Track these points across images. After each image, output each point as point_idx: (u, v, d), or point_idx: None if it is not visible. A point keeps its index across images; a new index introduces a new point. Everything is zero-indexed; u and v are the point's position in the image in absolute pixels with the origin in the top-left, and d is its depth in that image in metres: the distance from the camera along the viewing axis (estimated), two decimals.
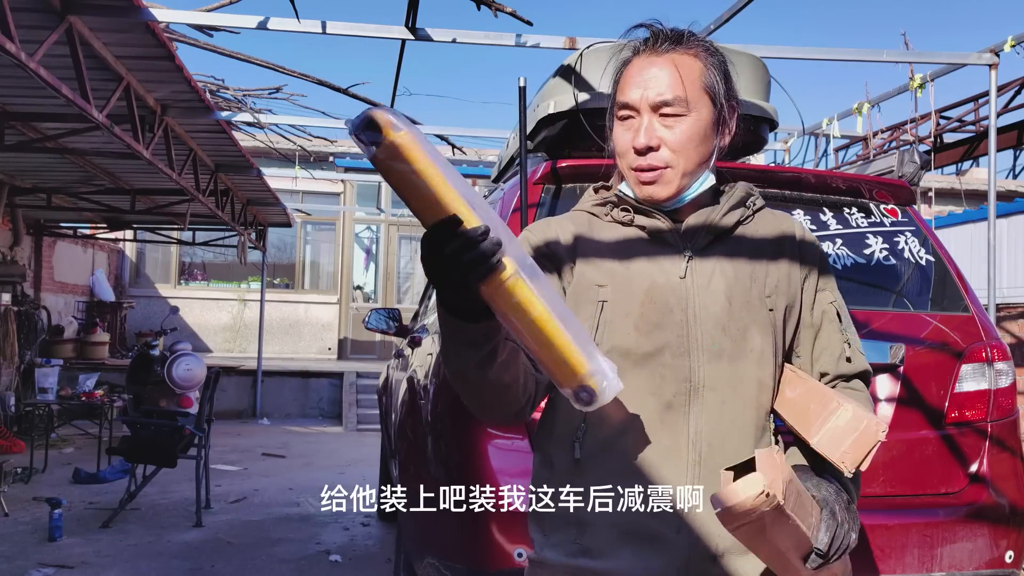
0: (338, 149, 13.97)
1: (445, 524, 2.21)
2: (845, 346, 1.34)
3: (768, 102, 3.04)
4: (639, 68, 1.29)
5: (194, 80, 5.61)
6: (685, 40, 1.30)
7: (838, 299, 1.37)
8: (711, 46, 1.32)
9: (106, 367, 10.63)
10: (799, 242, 1.36)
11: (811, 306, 1.35)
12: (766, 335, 1.29)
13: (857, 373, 1.36)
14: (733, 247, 1.33)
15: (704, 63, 1.29)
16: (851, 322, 1.38)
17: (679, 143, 1.26)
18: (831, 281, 1.38)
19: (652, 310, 1.29)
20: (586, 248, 1.35)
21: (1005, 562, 2.33)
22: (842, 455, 1.17)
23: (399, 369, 3.82)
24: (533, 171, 2.50)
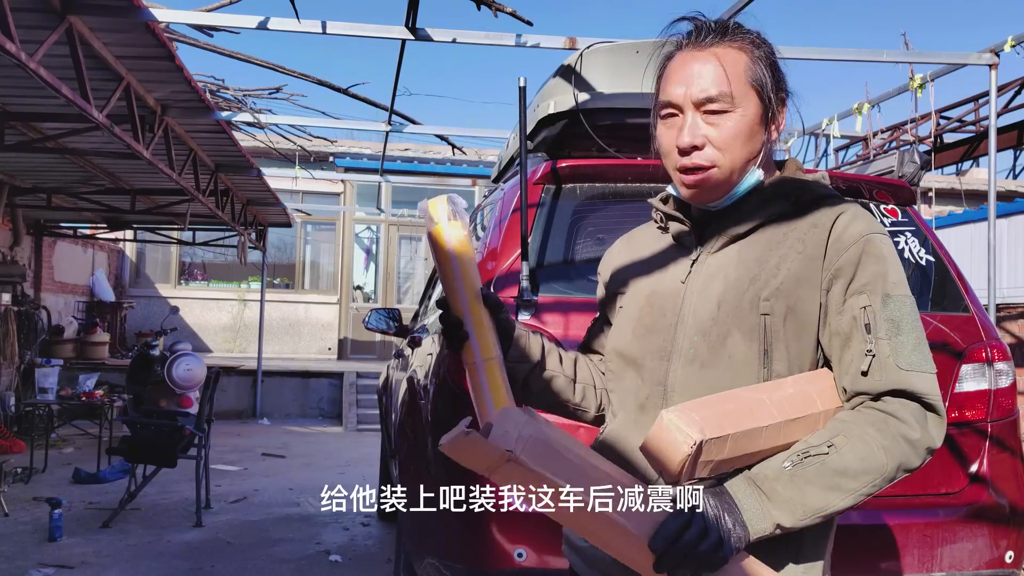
0: (338, 149, 13.98)
1: (445, 524, 2.21)
2: (867, 358, 1.13)
3: None
4: (681, 63, 1.25)
5: (194, 80, 5.61)
6: (730, 32, 1.25)
7: (878, 304, 1.15)
8: (758, 38, 1.26)
9: (106, 367, 10.63)
10: (834, 238, 1.19)
11: (839, 311, 1.18)
12: (752, 342, 1.19)
13: (886, 391, 1.13)
14: (749, 247, 1.25)
15: (750, 56, 1.24)
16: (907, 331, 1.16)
17: (724, 141, 1.21)
18: (875, 283, 1.17)
19: (648, 314, 1.31)
20: (629, 260, 1.43)
21: (1005, 562, 2.33)
22: (657, 465, 1.09)
23: (399, 369, 3.82)
24: (533, 171, 2.50)
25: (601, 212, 2.47)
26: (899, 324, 1.16)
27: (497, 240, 2.47)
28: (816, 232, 1.21)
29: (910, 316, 1.17)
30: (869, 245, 1.18)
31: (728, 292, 1.23)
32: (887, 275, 1.18)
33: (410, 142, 14.64)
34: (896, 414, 1.12)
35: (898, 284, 1.19)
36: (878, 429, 1.11)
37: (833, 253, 1.19)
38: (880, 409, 1.13)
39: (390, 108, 7.08)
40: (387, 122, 7.48)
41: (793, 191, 1.26)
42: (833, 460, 1.09)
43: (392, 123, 7.51)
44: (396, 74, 6.16)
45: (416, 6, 4.58)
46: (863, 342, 1.15)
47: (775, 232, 1.24)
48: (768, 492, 1.09)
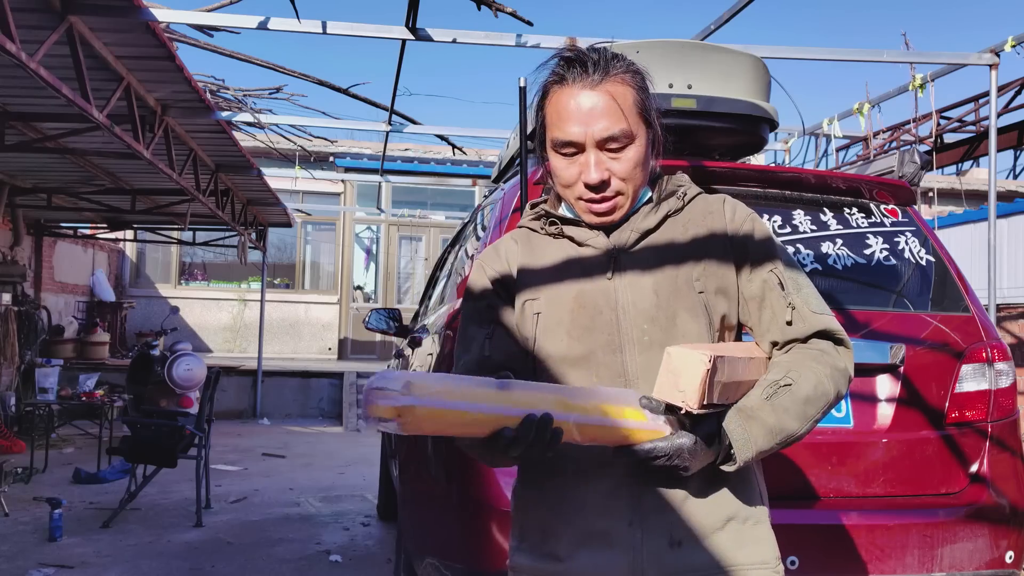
0: (338, 149, 13.98)
1: (445, 524, 2.21)
2: (788, 310, 1.30)
3: (768, 102, 3.04)
4: (574, 101, 1.28)
5: (194, 80, 5.61)
6: (614, 66, 1.30)
7: (781, 267, 1.34)
8: (632, 65, 1.33)
9: (106, 367, 10.63)
10: (728, 219, 1.36)
11: (748, 279, 1.34)
12: (698, 318, 1.30)
13: (811, 334, 1.31)
14: (660, 240, 1.35)
15: (634, 87, 1.30)
16: (804, 285, 1.34)
17: (628, 172, 1.29)
18: (771, 251, 1.35)
19: (582, 314, 1.33)
20: (525, 267, 1.41)
21: (1005, 562, 2.33)
22: (679, 396, 1.17)
23: (399, 369, 3.82)
24: (533, 171, 2.50)
25: None
26: (797, 281, 1.34)
27: None
28: (713, 218, 1.37)
29: (802, 274, 1.37)
30: (756, 222, 1.37)
31: (661, 279, 1.32)
32: (776, 244, 1.38)
33: (410, 142, 14.65)
34: (825, 350, 1.30)
35: (785, 251, 1.39)
36: (818, 362, 1.27)
37: (732, 232, 1.35)
38: (812, 347, 1.30)
39: (390, 108, 7.09)
40: (387, 122, 7.48)
41: (677, 188, 1.40)
42: (796, 390, 1.24)
43: (392, 123, 7.51)
44: (396, 74, 6.17)
45: (416, 6, 4.59)
46: (781, 298, 1.32)
47: (677, 224, 1.37)
48: (756, 419, 1.21)
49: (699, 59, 2.92)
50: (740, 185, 2.57)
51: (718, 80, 2.89)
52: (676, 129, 3.07)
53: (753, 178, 2.58)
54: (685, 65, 2.89)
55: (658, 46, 2.91)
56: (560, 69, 1.30)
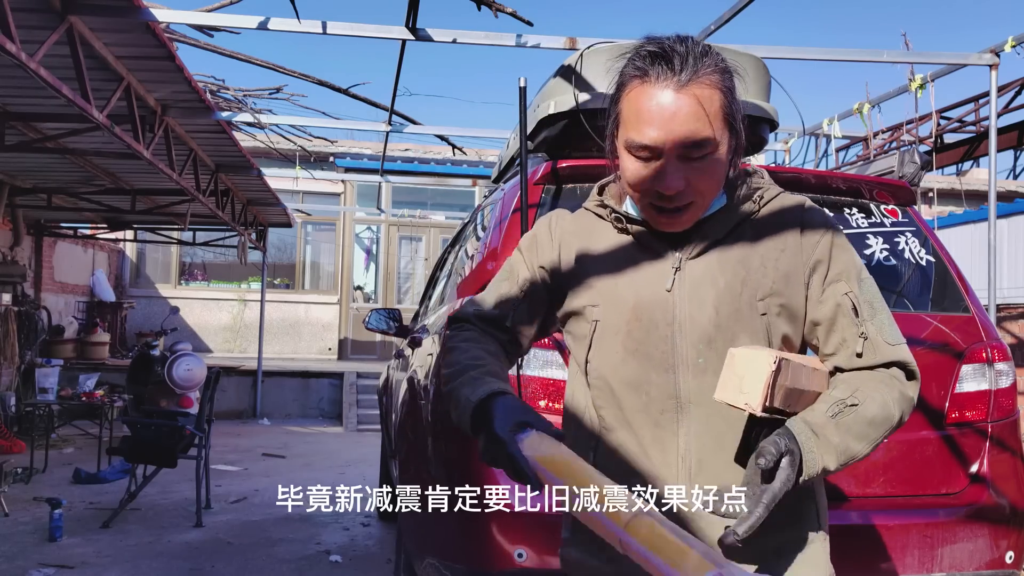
0: (338, 149, 13.98)
1: (445, 524, 2.21)
2: (860, 341, 1.23)
3: (768, 102, 3.04)
4: (656, 102, 1.17)
5: (194, 80, 5.61)
6: (704, 65, 1.18)
7: (857, 289, 1.25)
8: (722, 62, 1.21)
9: (106, 367, 10.63)
10: (805, 233, 1.27)
11: (819, 300, 1.25)
12: (757, 342, 1.23)
13: (878, 365, 1.23)
14: (728, 250, 1.27)
15: (723, 90, 1.19)
16: (880, 308, 1.26)
17: (706, 183, 1.21)
18: (849, 270, 1.26)
19: (638, 327, 1.27)
20: (583, 259, 1.35)
21: (1005, 563, 2.33)
22: (741, 397, 1.14)
23: (399, 369, 3.82)
24: (533, 171, 2.50)
25: None
26: (874, 304, 1.26)
27: (497, 240, 2.47)
28: (788, 229, 1.28)
29: (879, 295, 1.29)
30: (836, 236, 1.28)
31: (723, 297, 1.24)
32: (855, 261, 1.28)
33: (410, 142, 14.65)
34: (894, 375, 1.24)
35: (863, 268, 1.30)
36: (886, 385, 1.22)
37: (808, 248, 1.27)
38: (880, 372, 1.24)
39: (390, 108, 7.09)
40: (387, 122, 7.48)
41: (754, 192, 1.30)
42: (863, 411, 1.18)
43: (392, 123, 7.51)
44: (396, 74, 6.16)
45: (416, 6, 4.59)
46: (853, 325, 1.24)
47: (748, 232, 1.28)
48: (821, 437, 1.15)
49: None
50: None
51: None
52: None
53: None
54: None
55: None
56: (643, 63, 1.19)
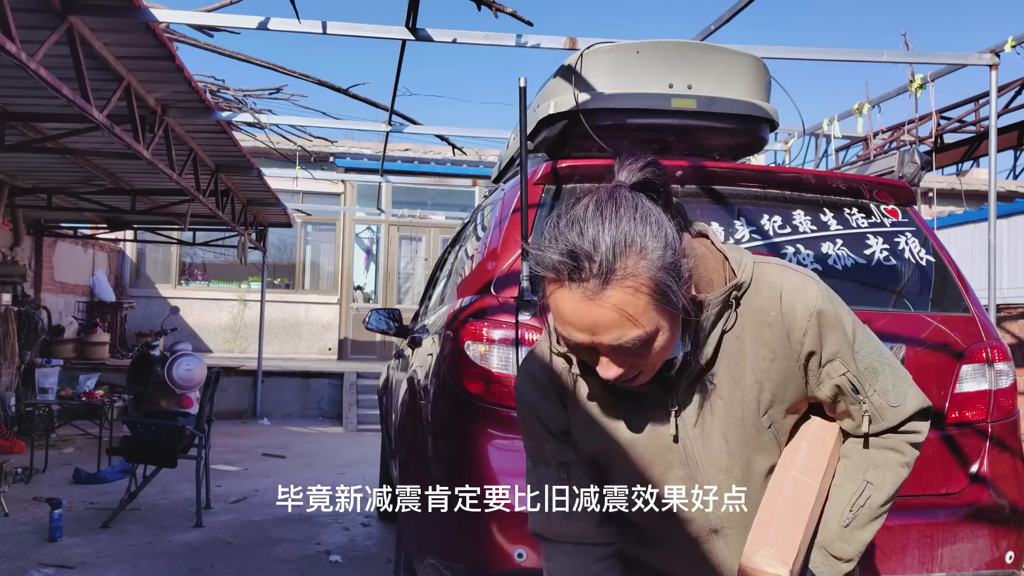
0: (338, 149, 13.98)
1: (445, 524, 2.20)
2: (864, 418, 1.25)
3: (768, 102, 3.04)
4: (573, 308, 1.06)
5: (194, 80, 5.61)
6: (620, 266, 1.03)
7: (853, 365, 1.23)
8: (647, 251, 1.05)
9: (106, 367, 10.62)
10: (789, 327, 1.21)
11: (817, 383, 1.24)
12: (772, 453, 1.27)
13: (885, 430, 1.27)
14: (719, 372, 1.23)
15: (650, 284, 1.05)
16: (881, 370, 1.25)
17: (648, 363, 1.13)
18: (842, 348, 1.23)
19: (655, 473, 1.27)
20: (576, 409, 1.30)
21: (1005, 563, 2.33)
22: None
23: (399, 369, 3.82)
24: (533, 171, 2.50)
25: None
26: (874, 368, 1.25)
27: (497, 240, 2.47)
28: (772, 333, 1.22)
29: (875, 351, 1.27)
30: (821, 316, 1.22)
31: (727, 424, 1.24)
32: (846, 332, 1.24)
33: (410, 142, 14.65)
34: (900, 450, 1.27)
35: (855, 329, 1.26)
36: (894, 462, 1.28)
37: (796, 343, 1.22)
38: (887, 445, 1.28)
39: (390, 108, 7.08)
40: (387, 122, 7.48)
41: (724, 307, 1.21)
42: (876, 498, 1.26)
43: (392, 123, 7.51)
44: (396, 74, 6.16)
45: (416, 6, 4.58)
46: (856, 403, 1.24)
47: (733, 347, 1.22)
48: (837, 553, 1.25)
49: (699, 59, 2.93)
50: (740, 185, 2.57)
51: (718, 80, 2.90)
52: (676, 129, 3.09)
53: (753, 178, 2.58)
54: (685, 65, 2.89)
55: (658, 46, 2.91)
56: (554, 264, 1.05)
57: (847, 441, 1.30)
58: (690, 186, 2.53)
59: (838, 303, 1.25)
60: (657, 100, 2.84)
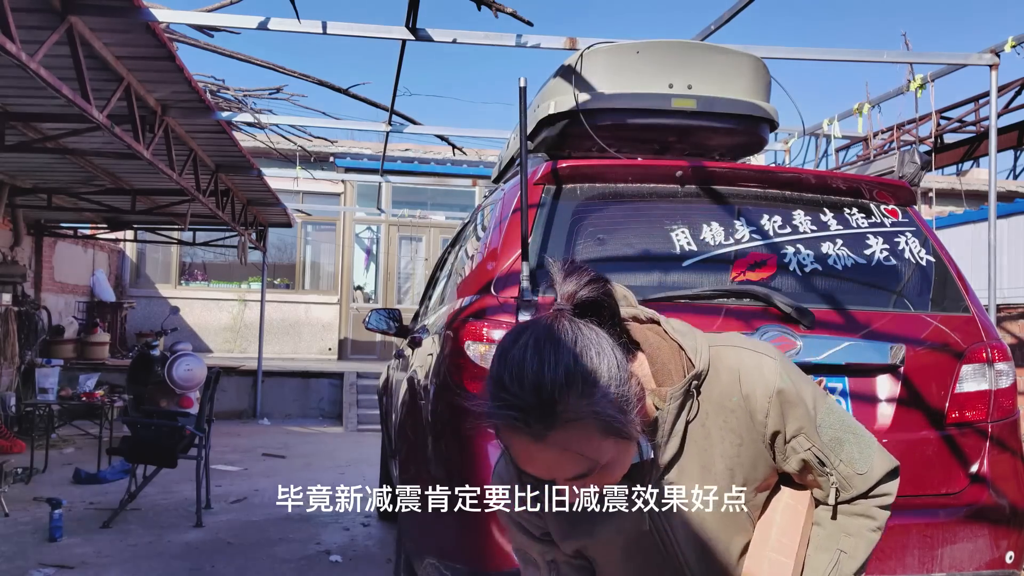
0: (338, 149, 13.98)
1: (445, 524, 2.21)
2: (832, 490, 1.26)
3: (768, 102, 3.04)
4: (521, 448, 1.07)
5: (194, 80, 5.61)
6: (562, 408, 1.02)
7: (817, 439, 1.24)
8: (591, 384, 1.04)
9: (106, 367, 10.62)
10: (752, 411, 1.22)
11: (784, 459, 1.26)
12: (747, 531, 1.28)
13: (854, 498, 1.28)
14: (688, 464, 1.24)
15: (595, 421, 1.04)
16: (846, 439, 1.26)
17: (611, 479, 1.15)
18: (803, 423, 1.23)
19: (635, 562, 1.29)
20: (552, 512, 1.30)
21: (1005, 563, 2.33)
22: None
23: (399, 369, 3.82)
24: (533, 171, 2.50)
25: (601, 212, 2.47)
26: (838, 438, 1.26)
27: (497, 240, 2.47)
28: (735, 416, 1.23)
29: (838, 420, 1.27)
30: (780, 395, 1.23)
31: (702, 513, 1.25)
32: (807, 407, 1.24)
33: (410, 142, 14.65)
34: (867, 513, 1.29)
35: (816, 402, 1.25)
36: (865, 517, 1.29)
37: (761, 425, 1.23)
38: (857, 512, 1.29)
39: (390, 108, 7.08)
40: (387, 122, 7.48)
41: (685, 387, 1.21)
42: (849, 566, 1.27)
43: (392, 123, 7.51)
44: (396, 74, 6.16)
45: (416, 6, 4.59)
46: (822, 475, 1.26)
47: (699, 436, 1.23)
48: None
49: (699, 59, 2.93)
50: (740, 185, 2.57)
51: (718, 80, 2.90)
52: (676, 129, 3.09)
53: (753, 178, 2.58)
54: (685, 65, 2.90)
55: (658, 46, 2.91)
56: (497, 415, 1.04)
57: (819, 508, 1.30)
58: (690, 186, 2.53)
59: (797, 377, 1.26)
60: (657, 100, 2.84)
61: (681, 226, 2.43)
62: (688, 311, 2.27)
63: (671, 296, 2.29)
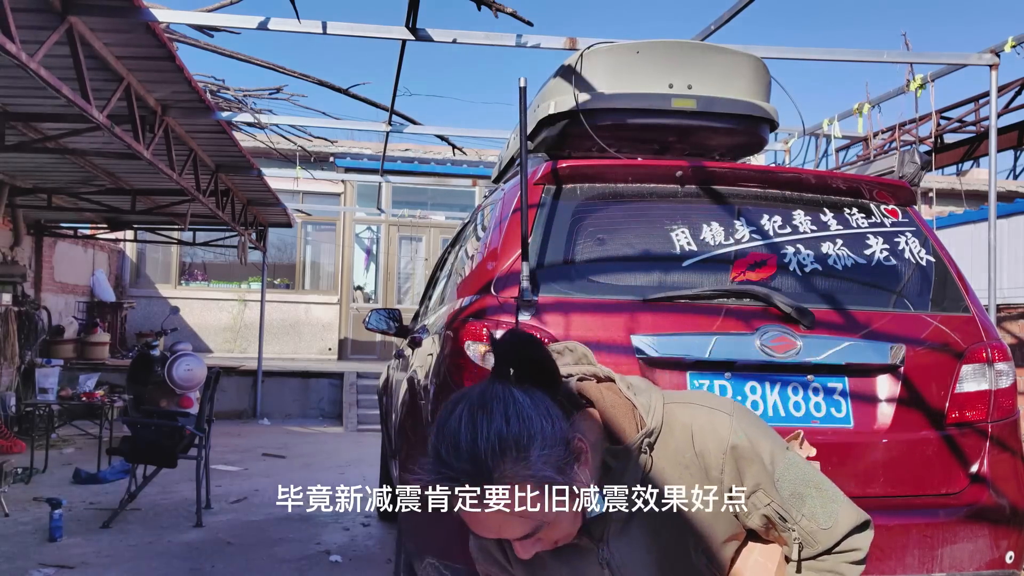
0: (338, 149, 13.98)
1: (445, 524, 2.20)
2: (795, 546, 1.25)
3: (768, 102, 3.04)
4: (470, 517, 1.12)
5: (194, 80, 5.61)
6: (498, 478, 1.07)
7: (776, 495, 1.23)
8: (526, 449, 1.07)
9: (106, 367, 10.63)
10: (707, 469, 1.23)
11: (746, 515, 1.25)
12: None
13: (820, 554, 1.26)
14: (639, 520, 1.24)
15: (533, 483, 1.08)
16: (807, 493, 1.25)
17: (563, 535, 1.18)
18: (761, 478, 1.23)
19: None
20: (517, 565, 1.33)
21: (1006, 563, 2.33)
22: None
23: (399, 369, 3.82)
24: (533, 171, 2.50)
25: (601, 212, 2.47)
26: (799, 493, 1.24)
27: (497, 240, 2.47)
28: (689, 472, 1.23)
29: (799, 475, 1.25)
30: (735, 451, 1.23)
31: (661, 566, 1.25)
32: (764, 463, 1.23)
33: (410, 142, 14.65)
34: (835, 570, 1.26)
35: (775, 456, 1.24)
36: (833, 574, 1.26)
37: (716, 480, 1.22)
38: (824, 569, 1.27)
39: (390, 108, 7.09)
40: (387, 122, 7.48)
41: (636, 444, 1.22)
42: None
43: (392, 123, 7.51)
44: (396, 74, 6.16)
45: (416, 6, 4.59)
46: (784, 530, 1.25)
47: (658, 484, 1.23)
48: None
49: (699, 59, 2.93)
50: (740, 185, 2.57)
51: (718, 80, 2.90)
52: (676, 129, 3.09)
53: (753, 178, 2.58)
54: (685, 65, 2.89)
55: (658, 46, 2.91)
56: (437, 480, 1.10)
57: (789, 564, 1.29)
58: (690, 186, 2.53)
59: (755, 433, 1.25)
60: (657, 100, 2.84)
61: (681, 226, 2.43)
62: (688, 311, 2.27)
63: (671, 296, 2.29)
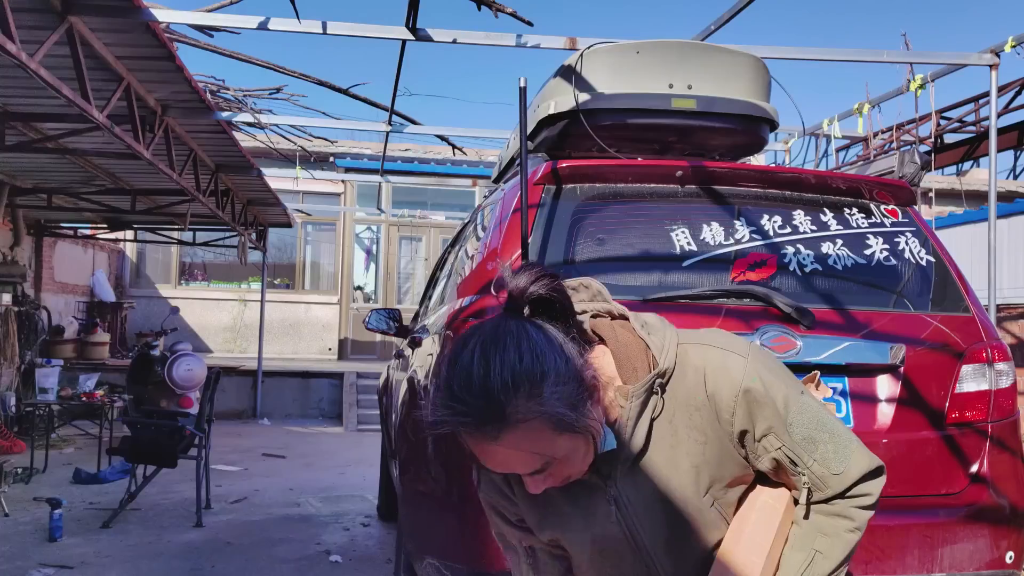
0: (338, 149, 13.98)
1: (445, 524, 2.21)
2: (805, 489, 1.24)
3: (768, 102, 3.04)
4: (479, 449, 1.11)
5: (194, 80, 5.61)
6: (511, 409, 1.04)
7: (788, 438, 1.22)
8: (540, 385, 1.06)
9: (106, 367, 10.63)
10: (717, 407, 1.21)
11: (756, 457, 1.24)
12: (720, 527, 1.27)
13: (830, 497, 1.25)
14: (654, 459, 1.23)
15: (546, 419, 1.06)
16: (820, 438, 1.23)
17: (574, 471, 1.17)
18: (774, 421, 1.21)
19: (607, 560, 1.29)
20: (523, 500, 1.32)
21: (1005, 563, 2.33)
22: None
23: (399, 369, 3.82)
24: (533, 171, 2.50)
25: (601, 212, 2.47)
26: (812, 437, 1.22)
27: (497, 240, 2.47)
28: (700, 414, 1.22)
29: (813, 419, 1.23)
30: (748, 395, 1.21)
31: (669, 510, 1.24)
32: (777, 406, 1.21)
33: (410, 142, 14.65)
34: (845, 514, 1.24)
35: (788, 399, 1.22)
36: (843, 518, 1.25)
37: (727, 424, 1.22)
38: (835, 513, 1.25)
39: (390, 108, 7.08)
40: (387, 122, 7.48)
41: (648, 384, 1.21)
42: (824, 567, 1.23)
43: (392, 123, 7.51)
44: (396, 74, 6.15)
45: (416, 6, 4.59)
46: (795, 474, 1.23)
47: (666, 432, 1.23)
48: None
49: (699, 59, 2.93)
50: (740, 185, 2.57)
51: (718, 80, 2.90)
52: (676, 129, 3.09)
53: (753, 178, 2.58)
54: (685, 65, 2.90)
55: (658, 46, 2.91)
56: (449, 421, 1.07)
57: (798, 507, 1.28)
58: (690, 186, 2.53)
59: (769, 375, 1.23)
60: (657, 100, 2.84)
61: (681, 226, 2.43)
62: (688, 311, 2.27)
63: (671, 296, 2.29)
